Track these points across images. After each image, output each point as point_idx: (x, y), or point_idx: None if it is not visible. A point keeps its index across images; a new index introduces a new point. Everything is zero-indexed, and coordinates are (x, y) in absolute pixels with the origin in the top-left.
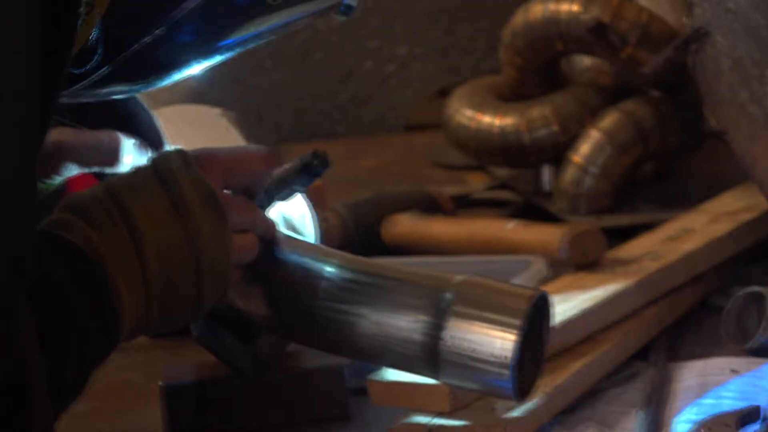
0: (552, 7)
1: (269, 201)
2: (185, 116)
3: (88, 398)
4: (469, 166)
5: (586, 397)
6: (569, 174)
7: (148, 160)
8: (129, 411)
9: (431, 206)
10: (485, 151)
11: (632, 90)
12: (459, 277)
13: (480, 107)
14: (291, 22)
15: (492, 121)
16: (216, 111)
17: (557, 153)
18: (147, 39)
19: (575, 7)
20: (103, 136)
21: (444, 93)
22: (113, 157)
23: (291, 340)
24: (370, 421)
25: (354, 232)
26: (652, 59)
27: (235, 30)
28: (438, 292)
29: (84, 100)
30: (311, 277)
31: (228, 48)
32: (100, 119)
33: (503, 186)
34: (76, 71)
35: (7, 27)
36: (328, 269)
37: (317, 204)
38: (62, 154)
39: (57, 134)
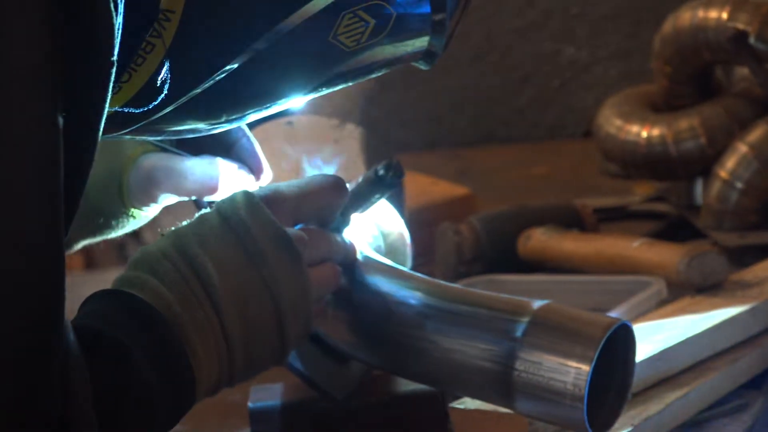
0: (700, 14)
1: (345, 221)
2: (297, 128)
3: (188, 419)
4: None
5: (688, 428)
6: (715, 189)
7: (213, 206)
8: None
9: (574, 220)
10: (632, 162)
11: None
12: (536, 304)
13: (628, 117)
14: (368, 67)
15: (639, 131)
16: (332, 123)
17: (707, 166)
18: (216, 77)
19: (724, 15)
20: (202, 162)
21: None
22: (212, 185)
23: (370, 365)
24: None
25: (488, 245)
26: None
27: (307, 74)
28: (513, 320)
29: (150, 137)
30: (387, 302)
31: (299, 92)
32: (200, 144)
33: (660, 198)
34: (135, 111)
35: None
36: (405, 294)
37: (464, 214)
38: (159, 182)
39: (155, 160)
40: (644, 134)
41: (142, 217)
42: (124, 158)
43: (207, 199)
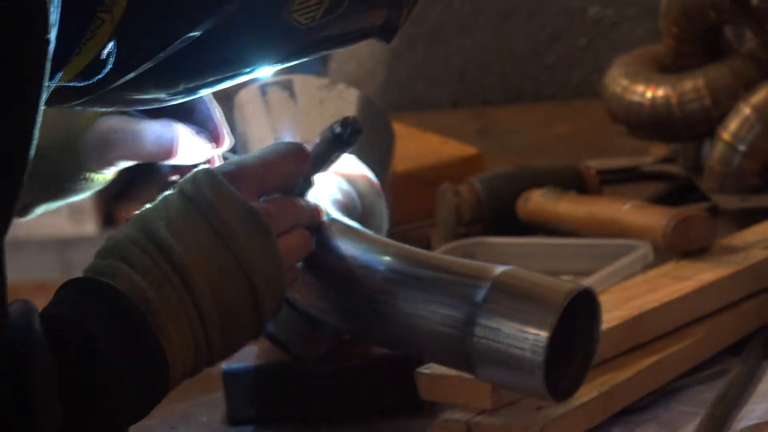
0: None
1: (309, 184)
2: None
3: None
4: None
5: (663, 395)
6: (718, 151)
7: (175, 186)
8: (206, 394)
9: (576, 182)
10: (636, 123)
11: None
12: (499, 269)
13: (634, 77)
14: (323, 43)
15: (644, 91)
16: (320, 82)
17: (711, 128)
18: (167, 52)
19: None
20: (159, 125)
21: None
22: (169, 147)
23: (338, 329)
24: (442, 411)
25: (488, 206)
26: None
27: (261, 50)
28: (474, 285)
29: (104, 108)
30: (350, 266)
31: (256, 66)
32: (159, 109)
33: (671, 160)
34: (80, 84)
35: None
36: (369, 258)
37: (472, 174)
38: (115, 144)
39: (112, 123)
40: (649, 95)
41: (100, 180)
42: (81, 120)
43: (166, 162)
